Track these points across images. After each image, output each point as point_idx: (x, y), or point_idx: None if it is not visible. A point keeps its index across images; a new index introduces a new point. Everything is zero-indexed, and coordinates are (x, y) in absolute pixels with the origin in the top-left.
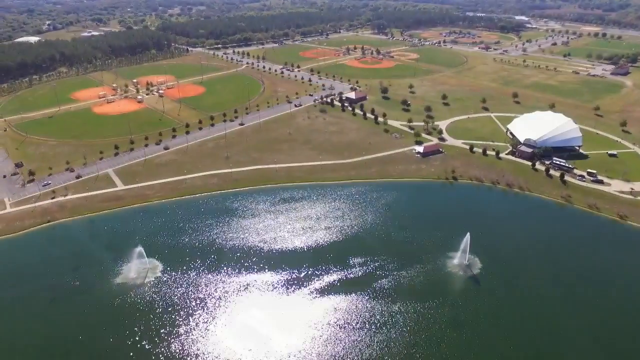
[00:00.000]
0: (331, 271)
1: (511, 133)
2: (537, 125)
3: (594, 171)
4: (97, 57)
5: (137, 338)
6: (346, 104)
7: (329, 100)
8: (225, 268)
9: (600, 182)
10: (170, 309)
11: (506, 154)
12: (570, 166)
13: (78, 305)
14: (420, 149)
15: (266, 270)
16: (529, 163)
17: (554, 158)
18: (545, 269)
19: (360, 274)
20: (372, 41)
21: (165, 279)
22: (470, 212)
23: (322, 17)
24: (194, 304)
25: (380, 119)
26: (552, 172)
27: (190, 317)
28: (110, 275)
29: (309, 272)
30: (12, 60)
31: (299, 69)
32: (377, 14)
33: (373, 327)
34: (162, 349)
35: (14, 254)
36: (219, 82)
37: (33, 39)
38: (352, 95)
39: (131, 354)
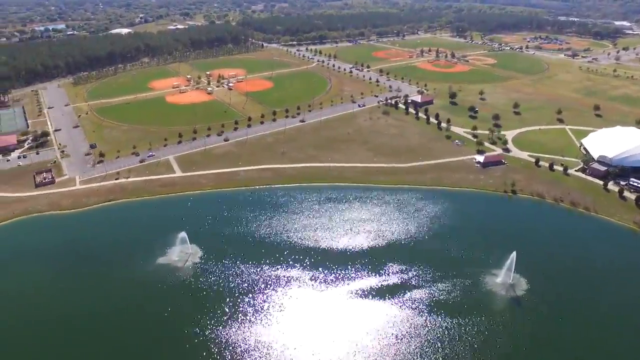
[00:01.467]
0: (366, 275)
1: (585, 148)
2: (615, 142)
3: None
4: (178, 49)
5: (165, 315)
6: (411, 107)
7: (393, 102)
8: (263, 261)
9: None
10: (203, 295)
11: (576, 171)
12: None
13: (122, 278)
14: (480, 158)
15: (302, 267)
16: (601, 182)
17: (632, 179)
18: (603, 300)
19: (396, 281)
20: (449, 44)
21: (203, 265)
22: (525, 229)
23: (400, 17)
24: (227, 292)
25: (444, 125)
26: (626, 194)
27: (221, 305)
28: (154, 256)
29: (345, 274)
30: (103, 50)
31: (368, 69)
32: (459, 17)
33: (400, 336)
34: (188, 331)
35: (76, 227)
36: (287, 78)
37: (124, 30)
38: (418, 98)
39: (158, 330)
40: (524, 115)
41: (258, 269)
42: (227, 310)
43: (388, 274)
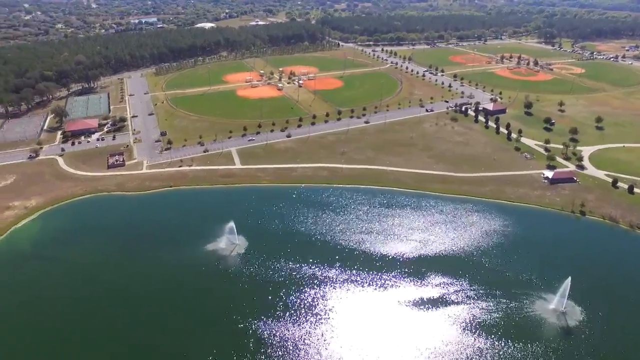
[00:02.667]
0: (408, 284)
1: None
2: None
3: None
4: (255, 44)
5: (204, 299)
6: (481, 115)
7: (463, 108)
8: (306, 259)
9: None
10: (241, 284)
11: None
12: None
13: (171, 259)
14: (549, 174)
15: (343, 268)
16: None
17: None
18: None
19: (437, 293)
20: (534, 51)
21: (247, 256)
22: (588, 254)
23: (484, 21)
24: (266, 285)
25: (514, 136)
26: None
27: (259, 297)
28: (204, 242)
29: (387, 280)
30: (185, 43)
31: (442, 73)
32: (549, 22)
33: (431, 350)
34: (222, 318)
35: (137, 209)
36: (358, 78)
37: (208, 25)
38: (490, 106)
39: (194, 312)
40: (607, 130)
41: (300, 266)
42: (264, 302)
43: (430, 285)
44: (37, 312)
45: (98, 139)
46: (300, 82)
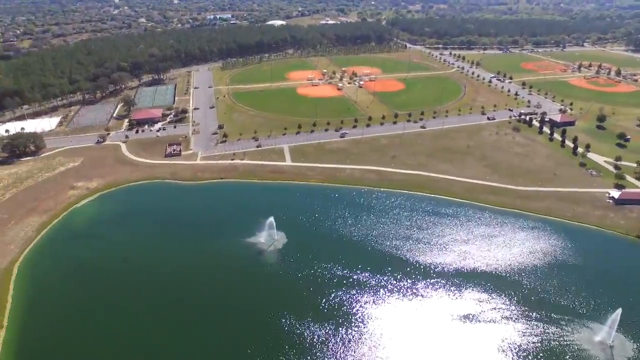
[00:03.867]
0: (443, 296)
1: None
2: None
3: None
4: (322, 43)
5: (235, 289)
6: (546, 127)
7: (527, 118)
8: (343, 261)
9: None
10: (275, 281)
11: None
12: None
13: (213, 248)
14: (616, 193)
15: (377, 273)
16: None
17: None
18: None
19: (470, 309)
20: (619, 59)
21: (284, 253)
22: None
23: (566, 26)
24: (300, 284)
25: (580, 150)
26: None
27: (288, 296)
28: (245, 235)
29: (419, 289)
30: (253, 39)
31: (510, 80)
32: None
33: None
34: (248, 310)
35: (186, 197)
36: (420, 81)
37: (278, 22)
38: (557, 117)
39: (225, 300)
40: None
41: (334, 267)
42: (293, 300)
43: (465, 299)
44: (81, 283)
45: (160, 129)
46: (361, 82)
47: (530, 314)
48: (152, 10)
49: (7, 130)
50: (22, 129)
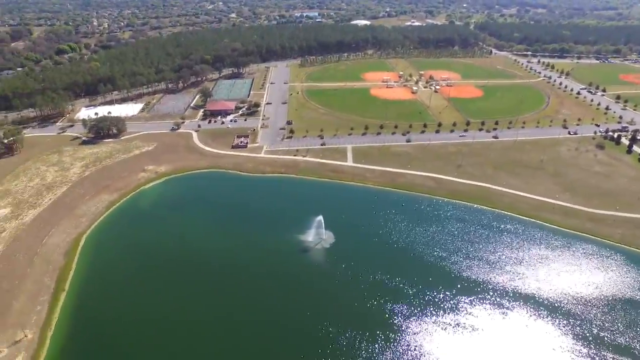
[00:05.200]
0: (485, 314)
1: None
2: None
3: None
4: (404, 45)
5: (285, 283)
6: (637, 146)
7: (615, 135)
8: (386, 269)
9: None
10: (322, 282)
11: None
12: None
13: (263, 240)
14: None
15: (422, 285)
16: None
17: None
18: None
19: (516, 333)
20: None
21: (330, 252)
22: None
23: None
24: (339, 288)
25: None
26: None
27: (327, 297)
28: (295, 230)
29: (464, 306)
30: (334, 38)
31: (603, 92)
32: None
33: None
34: (286, 306)
35: (245, 189)
36: (501, 89)
37: (362, 22)
38: None
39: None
40: None
41: (376, 274)
42: (331, 303)
43: (511, 322)
44: (138, 259)
45: (231, 120)
46: (437, 87)
47: (583, 350)
48: (244, 7)
49: (96, 113)
50: (109, 113)
